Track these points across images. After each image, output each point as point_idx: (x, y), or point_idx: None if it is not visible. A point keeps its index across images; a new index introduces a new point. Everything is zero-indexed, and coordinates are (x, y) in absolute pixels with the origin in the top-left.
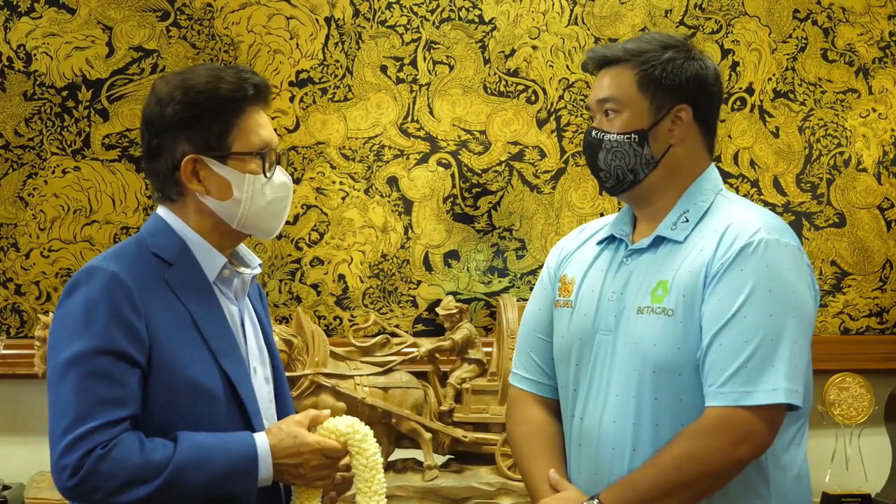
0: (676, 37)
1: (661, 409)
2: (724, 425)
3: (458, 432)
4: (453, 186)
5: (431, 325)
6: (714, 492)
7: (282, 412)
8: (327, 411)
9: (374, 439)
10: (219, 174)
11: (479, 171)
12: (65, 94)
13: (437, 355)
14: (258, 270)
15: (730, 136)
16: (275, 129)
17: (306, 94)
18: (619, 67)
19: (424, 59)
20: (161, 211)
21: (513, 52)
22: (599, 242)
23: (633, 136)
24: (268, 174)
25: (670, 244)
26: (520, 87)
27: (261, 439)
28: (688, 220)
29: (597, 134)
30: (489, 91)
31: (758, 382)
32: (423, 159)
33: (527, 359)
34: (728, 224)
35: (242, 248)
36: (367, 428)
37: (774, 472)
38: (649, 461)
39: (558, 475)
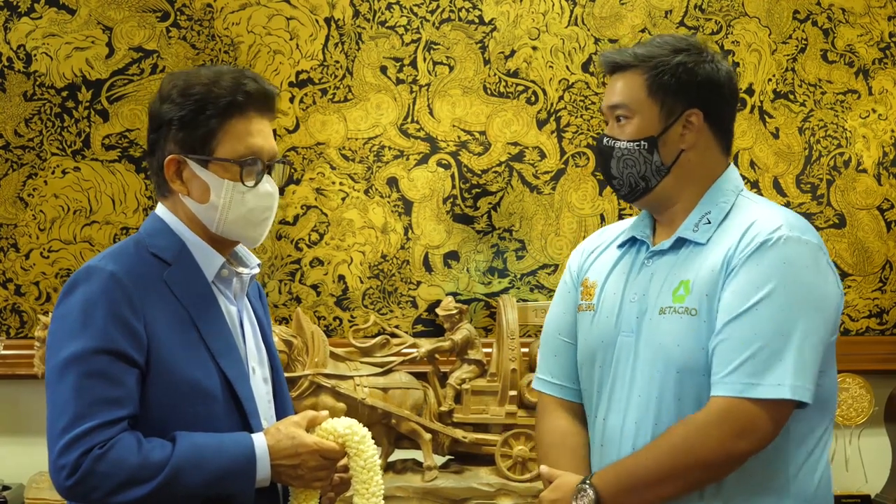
0: (689, 39)
1: (684, 410)
2: (726, 416)
3: (458, 433)
4: (453, 187)
5: (431, 325)
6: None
7: (281, 413)
8: (325, 412)
9: (373, 441)
10: (199, 177)
11: (479, 172)
12: (65, 94)
13: (436, 356)
14: (257, 270)
15: None
16: (274, 131)
17: (306, 94)
18: (630, 73)
19: (424, 59)
20: (160, 210)
21: (513, 52)
22: (620, 245)
23: (642, 143)
24: (247, 183)
25: (692, 245)
26: (520, 88)
27: (259, 440)
28: (710, 222)
29: (608, 141)
30: (489, 92)
31: (764, 376)
32: (423, 160)
33: (552, 362)
34: (751, 222)
35: (241, 249)
36: (366, 429)
37: (802, 473)
38: (647, 447)
39: (549, 470)
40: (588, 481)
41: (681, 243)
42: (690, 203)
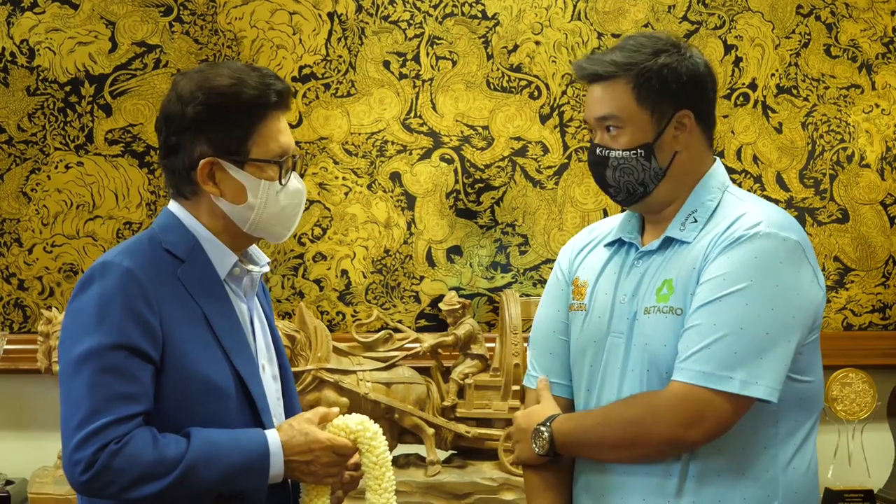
0: (663, 37)
1: None
2: (680, 402)
3: (461, 428)
4: (456, 182)
5: (434, 320)
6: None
7: (289, 410)
8: (336, 409)
9: (384, 437)
10: (235, 178)
11: (482, 167)
12: (68, 89)
13: (439, 350)
14: (267, 269)
15: (733, 132)
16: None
17: (309, 89)
18: (613, 82)
19: (427, 54)
20: (172, 206)
21: (516, 47)
22: (608, 245)
23: (639, 151)
24: (283, 181)
25: (678, 245)
26: (523, 83)
27: (272, 436)
28: (696, 221)
29: (601, 151)
30: (492, 86)
31: (722, 367)
32: (426, 155)
33: (547, 360)
34: (734, 219)
35: (253, 247)
36: (377, 426)
37: (791, 466)
38: (609, 408)
39: (546, 383)
40: (549, 424)
41: (668, 243)
42: (681, 201)
